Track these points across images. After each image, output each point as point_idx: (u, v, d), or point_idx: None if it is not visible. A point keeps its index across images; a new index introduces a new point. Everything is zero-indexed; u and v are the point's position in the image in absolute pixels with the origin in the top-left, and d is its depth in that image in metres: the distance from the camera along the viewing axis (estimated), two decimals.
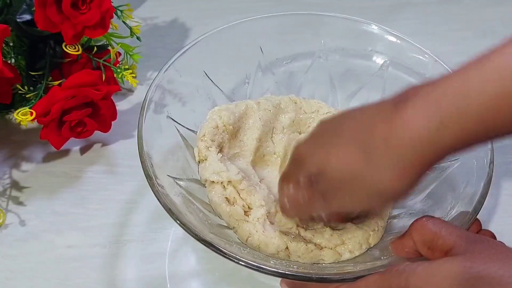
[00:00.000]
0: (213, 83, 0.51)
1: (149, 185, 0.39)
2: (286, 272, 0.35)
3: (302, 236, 0.42)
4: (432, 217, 0.35)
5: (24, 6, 0.55)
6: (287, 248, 0.40)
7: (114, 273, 0.47)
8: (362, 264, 0.40)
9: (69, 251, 0.48)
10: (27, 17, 0.55)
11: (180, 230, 0.49)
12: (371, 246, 0.42)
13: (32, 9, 0.54)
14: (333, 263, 0.41)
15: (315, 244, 0.41)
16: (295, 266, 0.40)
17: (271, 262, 0.39)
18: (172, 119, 0.47)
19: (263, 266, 0.34)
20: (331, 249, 0.41)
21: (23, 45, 0.57)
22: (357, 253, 0.41)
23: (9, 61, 0.55)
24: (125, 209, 0.52)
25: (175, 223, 0.37)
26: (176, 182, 0.43)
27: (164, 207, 0.37)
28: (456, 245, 0.32)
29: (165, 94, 0.47)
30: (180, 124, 0.47)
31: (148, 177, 0.39)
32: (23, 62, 0.57)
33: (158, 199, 0.38)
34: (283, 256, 0.41)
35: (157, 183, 0.39)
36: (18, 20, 0.53)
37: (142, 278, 0.46)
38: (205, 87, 0.51)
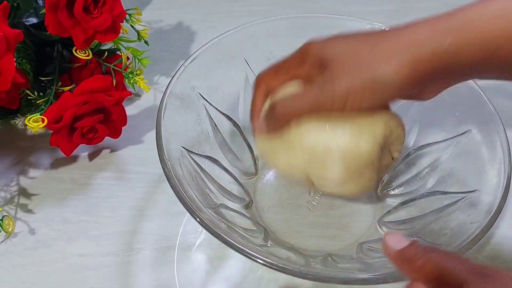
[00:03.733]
0: (248, 65, 0.51)
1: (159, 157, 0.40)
2: (278, 264, 0.34)
3: None
4: (435, 249, 0.31)
5: (30, 10, 0.54)
6: None
7: (128, 282, 0.46)
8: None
9: (81, 259, 0.47)
10: (33, 20, 0.54)
11: (192, 237, 0.49)
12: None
13: (39, 13, 0.53)
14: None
15: None
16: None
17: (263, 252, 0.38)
18: (201, 95, 0.47)
19: (252, 253, 0.34)
20: None
21: (28, 49, 0.56)
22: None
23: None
24: (136, 216, 0.51)
25: (186, 231, 0.37)
26: (189, 155, 0.43)
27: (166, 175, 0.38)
28: (468, 282, 0.28)
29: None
30: (206, 99, 0.47)
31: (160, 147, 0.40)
32: (27, 65, 0.56)
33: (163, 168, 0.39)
34: None
35: (166, 153, 0.40)
36: (25, 23, 0.52)
37: (156, 287, 0.46)
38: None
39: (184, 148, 0.44)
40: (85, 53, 0.51)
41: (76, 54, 0.51)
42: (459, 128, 0.46)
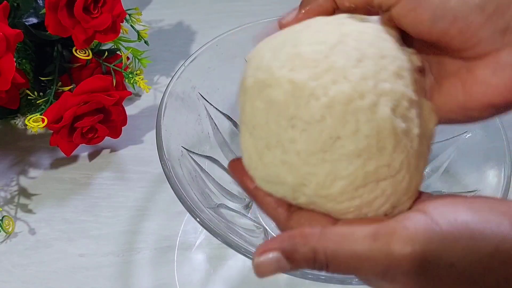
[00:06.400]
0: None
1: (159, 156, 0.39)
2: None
3: None
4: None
5: (31, 10, 0.54)
6: None
7: (128, 282, 0.46)
8: None
9: (82, 259, 0.47)
10: (33, 20, 0.54)
11: (192, 237, 0.49)
12: None
13: (40, 12, 0.53)
14: None
15: None
16: None
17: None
18: (201, 95, 0.47)
19: (252, 253, 0.34)
20: None
21: (28, 49, 0.56)
22: None
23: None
24: (136, 216, 0.51)
25: (186, 231, 0.37)
26: (189, 155, 0.43)
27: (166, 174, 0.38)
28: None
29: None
30: (206, 99, 0.47)
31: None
32: (27, 65, 0.56)
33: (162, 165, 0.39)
34: None
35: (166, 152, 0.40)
36: (25, 23, 0.52)
37: (156, 287, 0.46)
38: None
39: (184, 148, 0.44)
40: (85, 53, 0.51)
41: (76, 54, 0.51)
42: (459, 128, 0.46)
